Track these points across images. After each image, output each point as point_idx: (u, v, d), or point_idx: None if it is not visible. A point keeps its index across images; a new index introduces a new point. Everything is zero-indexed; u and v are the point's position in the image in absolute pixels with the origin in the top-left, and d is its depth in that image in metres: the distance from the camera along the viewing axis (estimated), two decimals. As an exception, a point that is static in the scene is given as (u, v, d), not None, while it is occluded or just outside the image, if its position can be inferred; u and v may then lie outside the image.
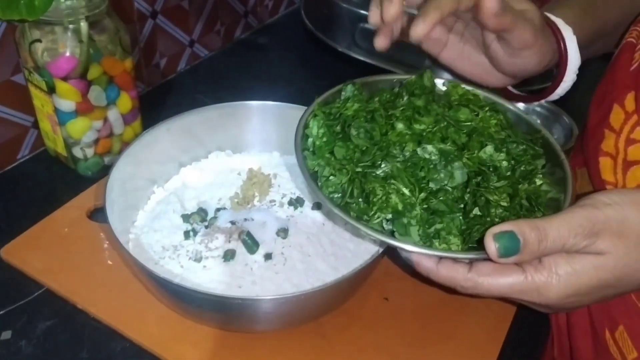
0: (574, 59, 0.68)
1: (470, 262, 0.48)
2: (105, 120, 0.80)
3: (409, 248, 0.47)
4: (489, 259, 0.46)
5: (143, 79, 1.02)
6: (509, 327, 0.68)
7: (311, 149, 0.55)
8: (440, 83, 0.64)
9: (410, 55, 1.01)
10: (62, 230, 0.74)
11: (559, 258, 0.47)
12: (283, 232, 0.69)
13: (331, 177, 0.52)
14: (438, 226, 0.49)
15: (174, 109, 0.97)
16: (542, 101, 0.74)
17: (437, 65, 0.68)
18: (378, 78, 0.64)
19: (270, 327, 0.65)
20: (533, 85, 0.82)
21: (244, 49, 1.21)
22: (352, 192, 0.50)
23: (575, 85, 0.71)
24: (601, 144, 0.64)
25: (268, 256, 0.67)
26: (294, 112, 0.77)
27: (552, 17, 0.67)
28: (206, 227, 0.71)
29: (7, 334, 0.64)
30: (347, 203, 0.51)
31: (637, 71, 0.62)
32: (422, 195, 0.50)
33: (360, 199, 0.50)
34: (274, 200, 0.74)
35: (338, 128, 0.56)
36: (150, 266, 0.63)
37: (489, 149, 0.54)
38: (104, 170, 0.83)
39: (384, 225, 0.50)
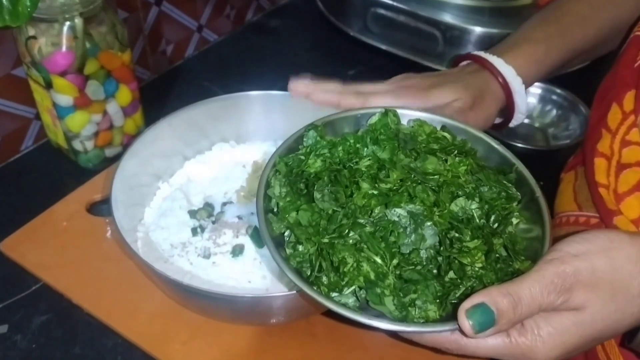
0: (521, 106, 0.71)
1: None
2: (105, 113, 0.81)
3: (385, 327, 0.46)
4: None
5: (149, 67, 1.02)
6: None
7: (275, 209, 0.53)
8: (405, 121, 0.61)
9: (422, 41, 0.99)
10: (60, 224, 0.75)
11: (540, 319, 0.46)
12: (289, 224, 0.69)
13: (298, 246, 0.50)
14: (413, 295, 0.47)
15: (179, 97, 0.97)
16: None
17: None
18: (341, 115, 0.61)
19: (279, 320, 0.66)
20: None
21: (255, 32, 1.20)
22: (321, 265, 0.48)
23: (596, 74, 0.70)
24: (597, 143, 0.62)
25: (276, 249, 0.68)
26: (297, 100, 0.76)
27: (502, 68, 0.69)
28: (213, 222, 0.71)
29: (3, 328, 0.66)
30: (316, 277, 0.49)
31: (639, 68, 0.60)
32: (395, 261, 0.48)
33: (330, 271, 0.48)
34: (280, 192, 0.74)
35: (302, 185, 0.53)
36: (159, 264, 0.64)
37: (460, 200, 0.51)
38: (105, 163, 0.84)
39: (358, 295, 0.48)
